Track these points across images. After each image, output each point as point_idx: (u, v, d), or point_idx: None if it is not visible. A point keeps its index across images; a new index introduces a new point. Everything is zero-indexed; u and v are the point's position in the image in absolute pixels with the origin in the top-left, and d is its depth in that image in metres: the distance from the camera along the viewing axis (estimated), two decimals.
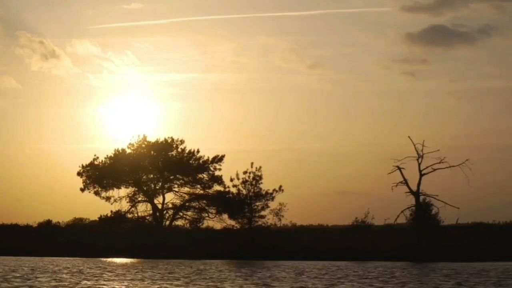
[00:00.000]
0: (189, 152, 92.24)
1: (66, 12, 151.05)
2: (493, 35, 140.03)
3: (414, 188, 79.02)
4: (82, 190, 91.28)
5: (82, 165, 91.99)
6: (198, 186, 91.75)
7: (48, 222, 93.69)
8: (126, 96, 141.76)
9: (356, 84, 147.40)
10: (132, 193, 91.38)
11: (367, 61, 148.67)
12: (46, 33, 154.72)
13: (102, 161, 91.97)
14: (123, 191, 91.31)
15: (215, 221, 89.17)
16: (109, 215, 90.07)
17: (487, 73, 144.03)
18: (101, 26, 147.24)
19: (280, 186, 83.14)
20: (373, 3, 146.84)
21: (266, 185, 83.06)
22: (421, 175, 79.09)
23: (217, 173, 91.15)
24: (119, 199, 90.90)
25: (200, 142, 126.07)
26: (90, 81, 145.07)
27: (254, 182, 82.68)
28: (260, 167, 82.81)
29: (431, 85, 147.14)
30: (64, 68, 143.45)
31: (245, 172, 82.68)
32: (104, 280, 41.28)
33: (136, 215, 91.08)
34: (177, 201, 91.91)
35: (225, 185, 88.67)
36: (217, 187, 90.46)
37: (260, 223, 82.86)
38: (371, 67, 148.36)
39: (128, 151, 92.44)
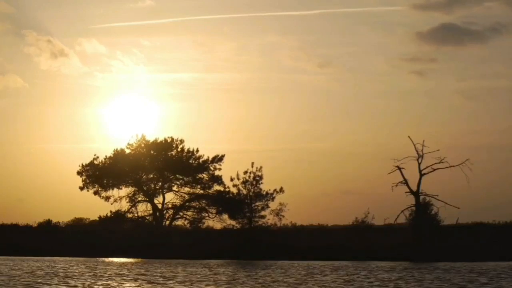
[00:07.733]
0: (189, 151, 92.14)
1: (72, 11, 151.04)
2: (504, 33, 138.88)
3: (414, 188, 79.00)
4: (81, 189, 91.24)
5: (82, 164, 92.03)
6: (198, 186, 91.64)
7: (48, 222, 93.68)
8: (126, 96, 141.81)
9: (363, 84, 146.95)
10: (132, 193, 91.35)
11: (376, 60, 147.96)
12: (53, 32, 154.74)
13: (102, 161, 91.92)
14: (123, 191, 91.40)
15: (215, 221, 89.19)
16: (109, 215, 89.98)
17: (493, 72, 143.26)
18: (105, 25, 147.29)
19: (281, 188, 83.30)
20: (385, 2, 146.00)
21: (266, 185, 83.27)
22: (421, 175, 79.08)
23: (217, 173, 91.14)
24: (119, 199, 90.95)
25: (200, 142, 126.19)
26: (92, 81, 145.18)
27: (254, 182, 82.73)
28: (261, 167, 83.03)
29: (436, 84, 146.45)
30: (73, 67, 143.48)
31: (245, 172, 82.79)
32: None
33: (136, 215, 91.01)
34: (177, 201, 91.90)
35: (225, 185, 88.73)
36: (217, 187, 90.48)
37: (260, 223, 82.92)
38: (379, 66, 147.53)
39: (127, 151, 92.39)
